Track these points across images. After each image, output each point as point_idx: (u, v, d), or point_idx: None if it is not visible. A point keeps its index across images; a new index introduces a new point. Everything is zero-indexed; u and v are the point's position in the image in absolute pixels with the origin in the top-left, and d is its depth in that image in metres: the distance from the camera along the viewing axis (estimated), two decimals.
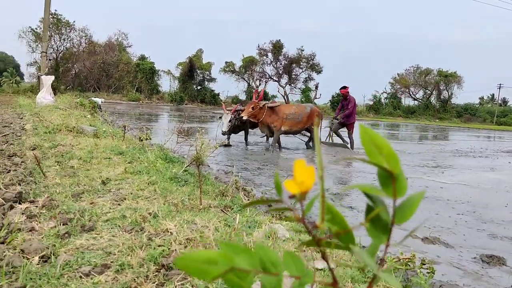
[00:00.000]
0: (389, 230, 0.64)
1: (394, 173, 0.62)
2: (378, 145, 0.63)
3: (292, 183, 0.60)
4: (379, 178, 0.65)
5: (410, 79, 63.67)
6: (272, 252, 0.63)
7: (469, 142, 23.00)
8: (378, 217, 0.64)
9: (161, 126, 18.56)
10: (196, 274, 0.60)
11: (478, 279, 4.07)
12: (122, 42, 61.74)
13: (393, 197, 0.63)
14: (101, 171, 4.68)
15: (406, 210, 0.64)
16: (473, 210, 6.86)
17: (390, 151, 0.63)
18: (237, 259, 0.60)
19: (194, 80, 61.19)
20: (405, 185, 0.63)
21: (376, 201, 0.64)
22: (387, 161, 0.62)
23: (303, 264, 0.64)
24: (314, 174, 0.61)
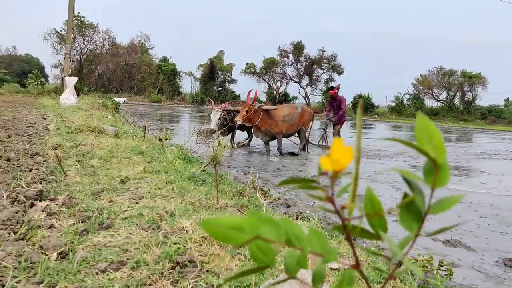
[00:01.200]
0: (421, 219, 0.63)
1: (438, 163, 0.61)
2: (430, 133, 0.63)
3: (328, 160, 0.59)
4: (424, 167, 0.65)
5: (433, 80, 62.75)
6: (297, 226, 0.63)
7: (494, 145, 22.58)
8: (413, 204, 0.63)
9: (182, 127, 18.70)
10: (222, 239, 0.60)
11: (500, 283, 3.98)
12: (144, 44, 62.46)
13: (432, 186, 0.62)
14: (120, 170, 4.73)
15: (443, 203, 0.63)
16: (496, 213, 6.73)
17: (439, 141, 0.63)
18: (263, 228, 0.61)
19: (215, 81, 61.46)
20: (447, 177, 0.62)
21: (415, 188, 0.63)
22: (434, 150, 0.62)
23: (327, 242, 0.63)
24: (352, 154, 0.60)
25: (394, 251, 0.59)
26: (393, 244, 0.60)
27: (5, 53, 67.66)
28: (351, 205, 0.61)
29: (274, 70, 61.36)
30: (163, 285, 1.95)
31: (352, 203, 0.61)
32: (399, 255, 0.59)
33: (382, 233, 0.62)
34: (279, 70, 61.68)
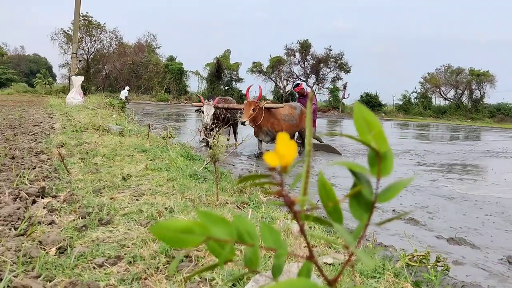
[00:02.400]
0: (371, 209, 0.62)
1: (380, 152, 0.61)
2: (369, 123, 0.62)
3: (273, 155, 0.60)
4: (368, 157, 0.64)
5: (441, 79, 62.41)
6: (249, 224, 0.63)
7: (502, 143, 22.43)
8: (361, 195, 0.62)
9: (188, 126, 18.75)
10: (172, 243, 0.60)
11: (503, 281, 3.96)
12: (151, 43, 62.64)
13: (377, 176, 0.61)
14: (123, 168, 4.76)
15: (390, 191, 0.62)
16: (501, 211, 6.68)
17: (379, 130, 0.62)
18: (214, 229, 0.61)
19: (221, 80, 61.52)
20: (390, 165, 0.61)
21: (361, 179, 0.63)
22: (376, 140, 0.61)
23: (279, 236, 0.63)
24: (296, 149, 0.60)
25: (346, 239, 0.58)
26: (345, 233, 0.59)
27: (13, 53, 68.21)
28: (302, 198, 0.60)
29: (281, 69, 61.31)
30: (158, 279, 1.96)
31: (303, 196, 0.61)
32: (352, 243, 0.58)
33: (333, 222, 0.62)
34: (285, 68, 61.63)
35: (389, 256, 2.72)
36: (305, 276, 0.62)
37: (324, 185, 0.66)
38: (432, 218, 6.09)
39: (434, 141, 23.19)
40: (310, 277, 0.63)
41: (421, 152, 14.77)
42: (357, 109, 0.63)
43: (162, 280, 1.96)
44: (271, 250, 0.62)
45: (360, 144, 5.97)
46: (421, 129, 35.18)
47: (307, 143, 0.64)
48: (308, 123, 0.65)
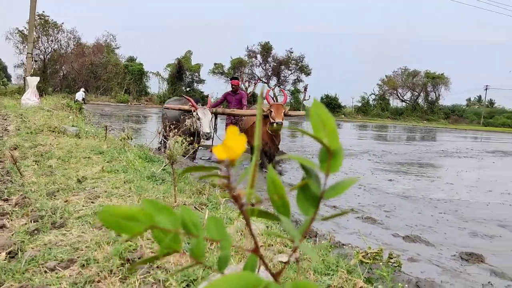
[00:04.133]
0: (317, 203, 0.63)
1: (331, 149, 0.61)
2: (324, 120, 0.63)
3: (221, 148, 0.59)
4: (320, 153, 0.65)
5: (398, 81, 64.02)
6: (195, 215, 0.62)
7: (456, 143, 23.21)
8: (308, 190, 0.63)
9: (148, 127, 18.49)
10: (116, 229, 0.59)
11: (456, 276, 4.09)
12: (110, 43, 61.43)
13: (326, 172, 0.62)
14: (78, 170, 4.65)
15: (337, 187, 0.63)
16: (455, 209, 6.91)
17: (332, 128, 0.63)
18: (158, 218, 0.60)
19: (183, 81, 61.05)
20: (340, 163, 0.62)
21: (311, 174, 0.63)
22: (328, 136, 0.62)
23: (224, 229, 0.63)
24: (244, 142, 0.60)
25: (292, 233, 0.59)
26: (290, 227, 0.60)
27: None
28: (248, 191, 0.61)
29: (242, 71, 61.40)
30: (112, 282, 1.92)
31: (250, 189, 0.61)
32: (297, 237, 0.59)
33: (280, 215, 0.62)
34: (247, 70, 61.77)
35: (344, 253, 2.76)
36: (250, 269, 0.62)
37: (273, 180, 0.66)
38: (389, 217, 6.23)
39: (392, 141, 23.76)
40: (255, 270, 0.63)
41: (379, 152, 15.10)
42: (314, 106, 0.64)
43: (115, 282, 1.92)
44: (215, 241, 0.62)
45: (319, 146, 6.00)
46: (379, 130, 35.96)
47: (256, 138, 0.64)
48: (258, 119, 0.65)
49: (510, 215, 6.57)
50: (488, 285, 3.90)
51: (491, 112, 63.15)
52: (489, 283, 3.92)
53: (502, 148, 20.76)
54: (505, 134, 42.30)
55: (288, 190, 0.67)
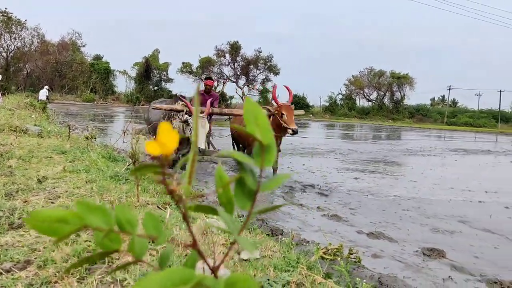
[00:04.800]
0: (253, 197, 0.63)
1: (264, 144, 0.62)
2: (257, 116, 0.63)
3: (154, 144, 0.59)
4: (254, 149, 0.66)
5: (364, 81, 65.05)
6: (130, 213, 0.62)
7: (420, 142, 23.72)
8: (245, 184, 0.63)
9: (115, 127, 18.22)
10: (46, 233, 0.59)
11: (418, 272, 4.18)
12: (75, 41, 60.22)
13: (260, 166, 0.62)
14: (39, 170, 4.53)
15: (272, 182, 0.64)
16: (418, 206, 7.06)
17: (265, 123, 0.63)
18: (91, 218, 0.60)
19: (150, 80, 60.43)
20: (273, 157, 0.63)
21: (246, 169, 0.63)
22: (261, 132, 0.62)
23: (160, 225, 0.63)
24: (177, 138, 0.60)
25: (230, 226, 0.59)
26: (229, 220, 0.61)
27: None
28: (186, 186, 0.61)
29: (211, 70, 61.12)
30: (69, 282, 1.89)
31: (188, 184, 0.61)
32: (235, 231, 0.59)
33: (218, 209, 0.63)
34: (216, 69, 61.53)
35: (306, 250, 2.80)
36: (191, 264, 0.62)
37: (221, 177, 0.66)
38: (354, 214, 6.32)
39: (358, 140, 24.13)
40: (195, 265, 0.63)
41: (345, 151, 15.30)
42: (247, 103, 0.65)
43: (73, 283, 1.89)
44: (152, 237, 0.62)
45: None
46: (346, 129, 36.45)
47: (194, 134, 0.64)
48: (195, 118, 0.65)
49: (470, 212, 6.76)
50: (448, 279, 4.00)
51: (454, 111, 64.86)
52: (449, 278, 4.03)
53: (464, 147, 21.34)
54: (467, 133, 43.51)
55: None
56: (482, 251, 4.93)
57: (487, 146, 23.53)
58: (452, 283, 3.94)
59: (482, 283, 3.99)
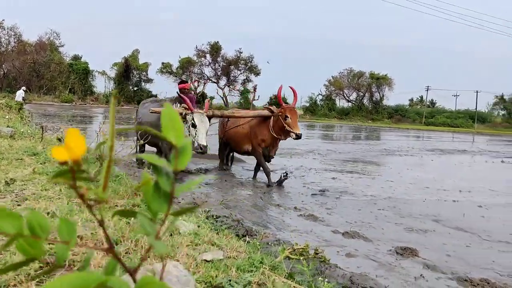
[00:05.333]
0: (169, 200, 0.63)
1: (178, 147, 0.62)
2: (173, 121, 0.64)
3: (61, 149, 0.58)
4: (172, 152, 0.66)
5: (344, 82, 65.53)
6: (43, 218, 0.61)
7: (398, 142, 23.99)
8: (160, 187, 0.63)
9: (94, 128, 18.01)
10: None
11: (390, 270, 4.22)
12: (54, 41, 59.37)
13: (174, 169, 0.62)
14: (8, 172, 4.44)
15: (186, 185, 0.65)
16: (393, 205, 7.14)
17: (179, 127, 0.64)
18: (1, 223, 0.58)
19: (130, 80, 59.96)
20: (186, 159, 0.63)
21: (161, 172, 0.63)
22: (175, 135, 0.62)
23: (75, 231, 0.62)
24: (84, 143, 0.59)
25: (146, 229, 0.59)
26: (146, 223, 0.60)
27: None
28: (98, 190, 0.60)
29: (191, 70, 60.91)
30: (28, 286, 1.85)
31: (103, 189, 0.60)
32: (151, 233, 0.59)
33: (137, 211, 0.62)
34: (196, 70, 61.35)
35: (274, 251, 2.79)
36: (111, 269, 0.62)
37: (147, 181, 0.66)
38: (330, 214, 6.36)
39: (337, 141, 24.32)
40: (116, 268, 0.62)
41: (324, 151, 15.39)
42: (165, 108, 0.66)
43: (31, 286, 1.85)
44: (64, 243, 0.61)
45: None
46: (325, 130, 36.67)
47: (110, 137, 0.63)
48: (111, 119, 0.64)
49: (444, 211, 6.85)
50: (420, 278, 4.05)
51: (432, 112, 65.71)
52: (421, 276, 4.08)
53: (441, 147, 21.66)
54: (444, 133, 44.16)
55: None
56: (454, 249, 5.00)
57: (464, 146, 23.93)
58: (423, 281, 3.99)
59: (453, 281, 4.05)
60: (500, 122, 62.09)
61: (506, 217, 6.78)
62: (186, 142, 0.63)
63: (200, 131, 7.43)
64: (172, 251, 2.12)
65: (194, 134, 7.43)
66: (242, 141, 8.89)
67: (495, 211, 7.12)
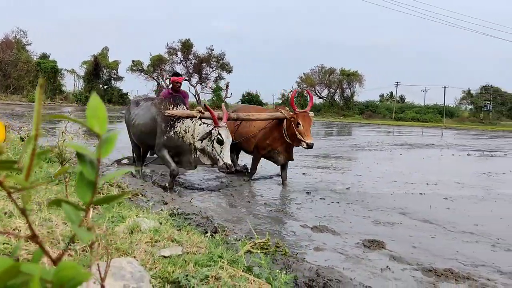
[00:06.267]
0: (93, 188, 0.63)
1: (101, 136, 0.62)
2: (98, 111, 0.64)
3: None
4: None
5: (315, 78, 65.97)
6: None
7: (368, 137, 24.31)
8: (84, 176, 0.63)
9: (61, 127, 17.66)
10: None
11: (357, 263, 4.28)
12: (20, 40, 57.88)
13: (98, 157, 0.62)
14: None
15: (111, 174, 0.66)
16: (362, 199, 7.24)
17: (103, 117, 0.64)
18: None
19: (100, 79, 59.00)
20: (110, 148, 0.63)
21: (85, 161, 0.63)
22: (99, 125, 0.62)
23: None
24: (3, 130, 0.58)
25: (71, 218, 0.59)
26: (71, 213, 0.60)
27: None
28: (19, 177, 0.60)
29: (163, 68, 60.30)
30: None
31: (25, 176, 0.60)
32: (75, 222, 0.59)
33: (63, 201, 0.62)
34: (167, 67, 60.75)
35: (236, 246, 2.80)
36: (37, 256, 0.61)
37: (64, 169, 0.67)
38: (300, 209, 6.42)
39: None
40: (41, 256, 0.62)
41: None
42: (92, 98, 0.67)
43: None
44: None
45: None
46: None
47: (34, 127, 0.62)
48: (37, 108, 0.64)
49: (411, 204, 6.98)
50: (386, 269, 4.11)
51: (402, 107, 66.83)
52: (387, 268, 4.14)
53: (410, 141, 22.05)
54: (414, 127, 44.94)
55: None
56: (420, 241, 5.10)
57: (432, 140, 24.40)
58: (389, 272, 4.05)
59: (418, 271, 4.12)
60: (467, 117, 63.57)
61: (470, 208, 6.95)
62: (111, 133, 0.63)
63: (226, 148, 6.56)
64: (129, 248, 2.11)
65: (219, 151, 6.52)
66: (250, 140, 8.41)
67: (460, 203, 7.29)
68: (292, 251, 4.11)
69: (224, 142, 6.47)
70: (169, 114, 6.93)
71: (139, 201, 4.88)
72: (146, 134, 7.40)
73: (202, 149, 6.65)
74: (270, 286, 1.93)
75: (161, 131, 7.07)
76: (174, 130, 6.96)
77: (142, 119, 7.55)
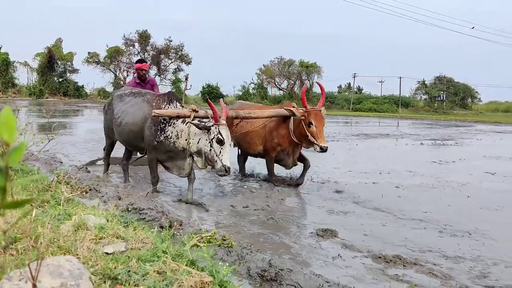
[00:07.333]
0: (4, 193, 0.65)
1: (9, 144, 0.64)
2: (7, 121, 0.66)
3: None
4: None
5: (275, 70, 66.23)
6: None
7: (326, 128, 24.47)
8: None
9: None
10: None
11: (310, 252, 4.39)
12: None
13: (6, 164, 0.64)
14: None
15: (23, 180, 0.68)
16: (316, 189, 7.38)
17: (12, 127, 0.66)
18: None
19: (54, 71, 57.23)
20: (19, 156, 0.65)
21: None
22: (7, 134, 0.64)
23: None
24: None
25: None
26: None
27: None
28: None
29: (120, 60, 59.13)
30: None
31: None
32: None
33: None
34: (125, 59, 59.61)
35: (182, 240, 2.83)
36: None
37: None
38: (255, 202, 6.46)
39: None
40: None
41: None
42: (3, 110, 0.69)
43: None
44: None
45: None
46: None
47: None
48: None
49: (364, 193, 7.16)
50: (338, 257, 4.23)
51: (360, 98, 67.88)
52: (339, 255, 4.26)
53: (366, 131, 22.50)
54: (371, 118, 45.86)
55: None
56: (371, 229, 5.25)
57: (388, 130, 24.98)
58: (340, 260, 4.17)
59: (368, 258, 4.26)
60: (422, 106, 65.25)
61: (420, 196, 7.20)
62: (20, 142, 0.65)
63: (226, 149, 5.87)
64: (72, 245, 2.11)
65: (219, 152, 5.84)
66: (254, 142, 7.68)
67: (411, 191, 7.54)
68: (246, 242, 4.19)
69: (224, 142, 5.82)
70: (156, 114, 6.07)
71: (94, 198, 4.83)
72: (136, 136, 6.50)
73: (199, 150, 5.98)
74: (213, 278, 1.98)
75: (150, 133, 6.22)
76: (165, 135, 6.14)
77: (132, 117, 6.55)
